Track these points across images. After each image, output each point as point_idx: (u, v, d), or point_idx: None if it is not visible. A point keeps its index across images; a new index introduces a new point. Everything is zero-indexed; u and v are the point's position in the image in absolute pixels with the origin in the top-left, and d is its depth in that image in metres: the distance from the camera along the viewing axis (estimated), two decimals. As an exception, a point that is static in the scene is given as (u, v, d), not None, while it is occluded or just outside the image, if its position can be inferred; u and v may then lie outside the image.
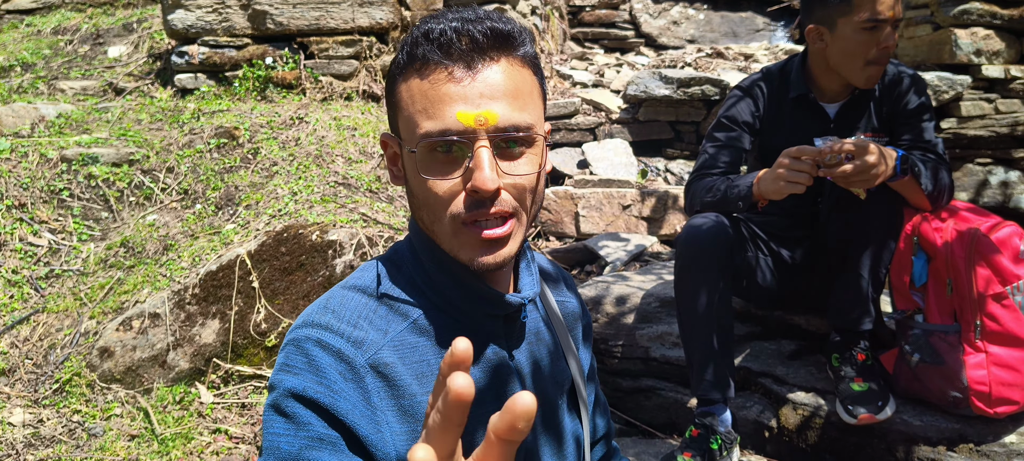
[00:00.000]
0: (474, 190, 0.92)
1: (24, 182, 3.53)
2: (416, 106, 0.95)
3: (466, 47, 0.93)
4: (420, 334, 0.98)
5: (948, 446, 2.13)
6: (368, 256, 2.91)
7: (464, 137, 0.92)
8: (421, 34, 0.95)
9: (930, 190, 2.14)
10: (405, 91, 0.97)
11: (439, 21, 0.96)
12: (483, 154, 0.92)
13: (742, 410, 2.42)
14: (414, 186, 0.99)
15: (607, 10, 6.97)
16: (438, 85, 0.93)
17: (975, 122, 3.82)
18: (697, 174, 2.37)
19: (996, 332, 2.06)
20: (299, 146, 3.74)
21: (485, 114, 0.92)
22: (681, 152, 4.85)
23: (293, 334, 0.95)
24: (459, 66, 0.93)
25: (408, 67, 0.97)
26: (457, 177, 0.94)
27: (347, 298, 0.98)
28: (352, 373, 0.91)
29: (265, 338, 2.82)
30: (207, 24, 4.51)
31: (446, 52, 0.93)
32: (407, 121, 0.97)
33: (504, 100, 0.94)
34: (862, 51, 2.17)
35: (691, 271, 2.21)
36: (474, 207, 0.94)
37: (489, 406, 1.01)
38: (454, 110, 0.92)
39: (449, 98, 0.93)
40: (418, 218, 1.02)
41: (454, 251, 0.97)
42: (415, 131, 0.95)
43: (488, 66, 0.94)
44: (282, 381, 0.90)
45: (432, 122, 0.93)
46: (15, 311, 3.05)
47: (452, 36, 0.93)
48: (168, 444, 2.49)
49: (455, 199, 0.95)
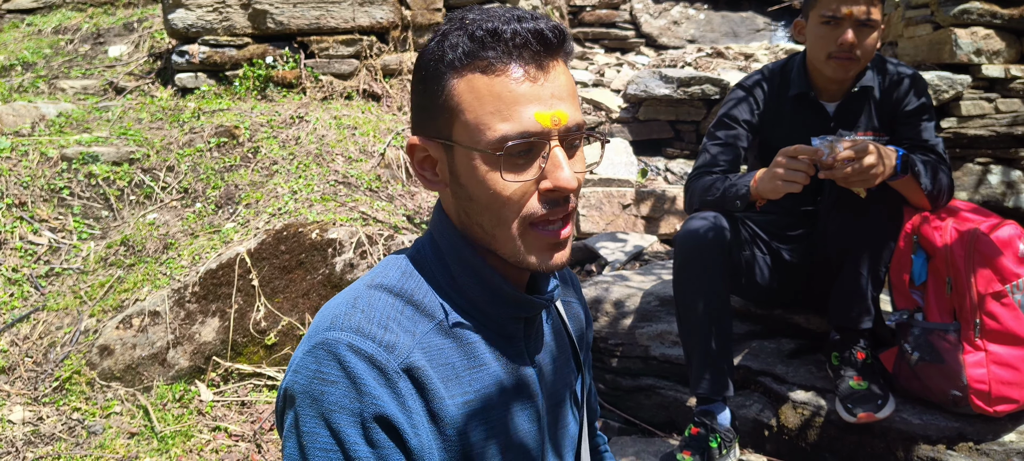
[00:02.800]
0: (555, 189, 0.94)
1: (24, 181, 3.53)
2: (486, 107, 0.93)
3: (538, 48, 0.94)
4: (445, 336, 0.98)
5: (948, 444, 2.13)
6: (368, 254, 2.91)
7: (541, 138, 0.93)
8: (486, 32, 0.93)
9: (930, 189, 2.14)
10: (466, 91, 0.94)
11: (499, 20, 0.94)
12: (561, 155, 0.94)
13: (742, 409, 2.42)
14: (474, 189, 0.96)
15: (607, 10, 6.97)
16: (512, 86, 0.93)
17: (975, 121, 3.82)
18: (697, 173, 2.37)
19: (996, 331, 2.07)
20: (299, 145, 3.74)
21: (557, 114, 0.94)
22: (681, 151, 4.85)
23: (322, 337, 0.92)
24: (532, 66, 0.94)
25: (467, 66, 0.94)
26: (529, 178, 0.94)
27: (375, 298, 0.97)
28: (385, 379, 0.90)
29: (265, 336, 2.82)
30: (207, 23, 4.51)
31: (520, 53, 0.93)
32: (471, 123, 0.94)
33: (569, 100, 0.96)
34: (822, 44, 2.24)
35: (690, 270, 2.21)
36: (552, 206, 0.95)
37: (511, 408, 1.01)
38: (531, 111, 0.92)
39: (525, 99, 0.93)
40: (470, 224, 0.99)
41: (519, 255, 0.97)
42: (485, 133, 0.93)
43: (555, 67, 0.96)
44: (324, 393, 0.89)
45: (509, 124, 0.92)
46: (15, 309, 3.05)
47: (527, 37, 0.93)
48: (168, 442, 2.50)
49: (528, 200, 0.95)
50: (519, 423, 1.03)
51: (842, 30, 2.19)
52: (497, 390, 1.00)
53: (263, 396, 2.74)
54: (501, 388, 1.01)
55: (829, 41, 2.22)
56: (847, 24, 2.19)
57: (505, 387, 1.01)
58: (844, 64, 2.23)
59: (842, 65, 2.24)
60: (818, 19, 2.23)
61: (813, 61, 2.32)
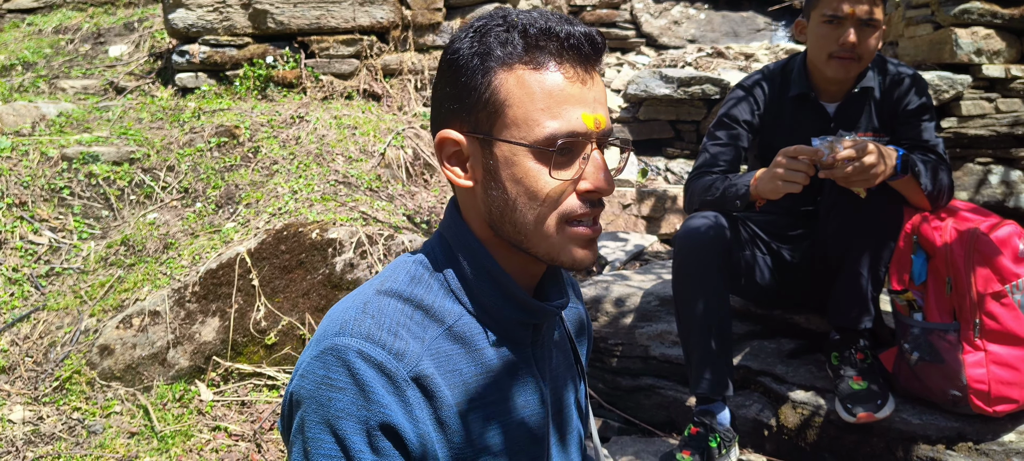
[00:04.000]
0: (595, 190, 0.96)
1: (25, 180, 3.53)
2: (536, 104, 0.94)
3: (588, 51, 0.96)
4: (454, 341, 0.98)
5: (947, 444, 2.13)
6: (368, 254, 2.91)
7: (585, 139, 0.96)
8: (540, 31, 0.95)
9: (930, 190, 2.14)
10: (516, 86, 0.95)
11: (553, 22, 0.96)
12: (599, 156, 0.97)
13: (741, 409, 2.42)
14: (514, 186, 0.96)
15: (608, 10, 6.97)
16: (565, 86, 0.95)
17: (975, 121, 3.82)
18: (697, 173, 2.37)
19: (995, 331, 2.06)
20: (299, 145, 3.74)
21: (599, 117, 0.97)
22: (681, 151, 4.85)
23: (332, 342, 0.92)
24: (581, 69, 0.96)
25: (517, 61, 0.95)
26: (570, 177, 0.96)
27: (385, 304, 0.96)
28: (394, 387, 0.90)
29: (265, 336, 2.82)
30: (208, 23, 4.51)
31: (572, 55, 0.96)
32: (519, 118, 0.95)
33: (605, 105, 0.99)
34: (824, 44, 2.24)
35: (689, 270, 2.21)
36: (590, 205, 0.97)
37: (518, 415, 1.02)
38: (579, 112, 0.95)
39: (574, 100, 0.95)
40: (500, 221, 0.98)
41: (554, 252, 0.98)
42: (533, 129, 0.95)
43: (596, 72, 0.99)
44: (331, 399, 0.89)
45: (558, 122, 0.94)
46: (15, 309, 3.06)
47: (580, 39, 0.96)
48: (168, 442, 2.50)
49: (565, 198, 0.96)
50: (526, 428, 1.03)
51: (844, 30, 2.19)
52: (505, 397, 1.00)
53: (263, 396, 2.74)
54: (509, 395, 1.01)
55: (830, 41, 2.22)
56: (849, 24, 2.19)
57: (512, 394, 1.01)
58: (845, 64, 2.23)
59: (843, 65, 2.23)
60: (820, 18, 2.23)
61: (814, 61, 2.31)
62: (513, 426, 1.01)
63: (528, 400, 1.03)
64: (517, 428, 1.01)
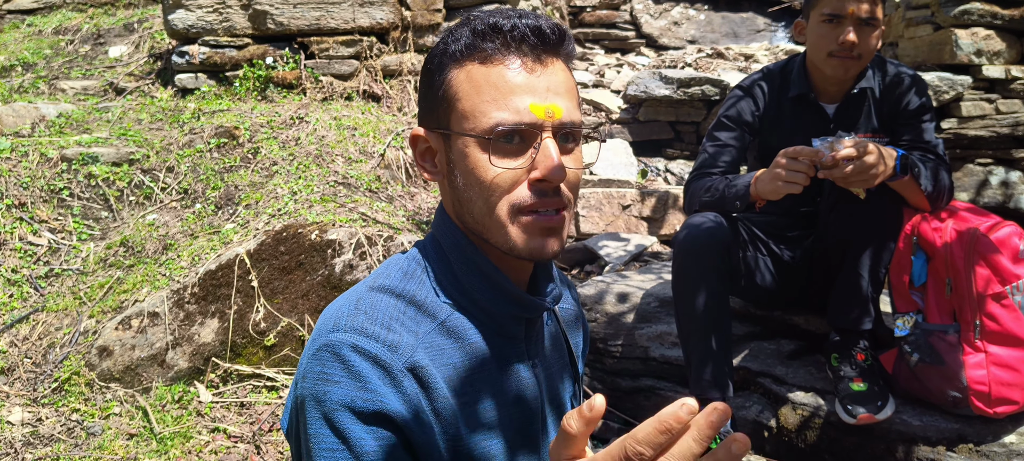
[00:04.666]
0: (543, 179, 0.95)
1: (24, 181, 3.53)
2: (482, 96, 0.96)
3: (535, 42, 0.96)
4: (447, 336, 0.98)
5: (948, 446, 2.13)
6: (367, 255, 2.91)
7: (533, 128, 0.95)
8: (488, 26, 0.97)
9: (930, 191, 2.13)
10: (465, 80, 0.97)
11: (500, 16, 0.97)
12: (551, 145, 0.96)
13: (741, 410, 2.41)
14: (466, 176, 0.98)
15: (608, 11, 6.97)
16: (509, 76, 0.95)
17: (976, 122, 3.81)
18: (696, 173, 2.37)
19: (996, 332, 2.06)
20: (299, 146, 3.74)
21: (552, 107, 0.96)
22: (681, 152, 4.85)
23: (326, 338, 0.93)
24: (529, 59, 0.97)
25: (467, 57, 0.97)
26: (520, 167, 0.96)
27: (377, 299, 0.98)
28: (390, 377, 0.91)
29: (264, 337, 2.82)
30: (208, 24, 4.51)
31: (518, 45, 0.96)
32: (467, 110, 0.97)
33: (565, 97, 0.98)
34: (823, 43, 2.23)
35: (689, 270, 2.21)
36: (539, 195, 0.97)
37: (510, 408, 1.02)
38: (526, 101, 0.95)
39: (520, 89, 0.95)
40: (462, 213, 1.01)
41: (507, 242, 0.98)
42: (479, 120, 0.96)
43: (552, 63, 0.98)
44: (327, 393, 0.89)
45: (503, 112, 0.95)
46: (14, 310, 3.05)
47: (525, 31, 0.96)
48: (167, 443, 2.49)
49: (517, 188, 0.96)
50: (521, 423, 1.03)
51: (844, 28, 2.19)
52: (499, 390, 1.01)
53: (262, 397, 2.74)
54: (503, 388, 1.01)
55: (830, 40, 2.21)
56: (849, 22, 2.18)
57: (507, 387, 1.02)
58: (845, 63, 2.23)
59: (843, 64, 2.23)
60: (820, 17, 2.23)
61: (813, 60, 2.31)
62: (508, 420, 1.01)
63: (522, 393, 1.04)
64: (512, 420, 1.02)
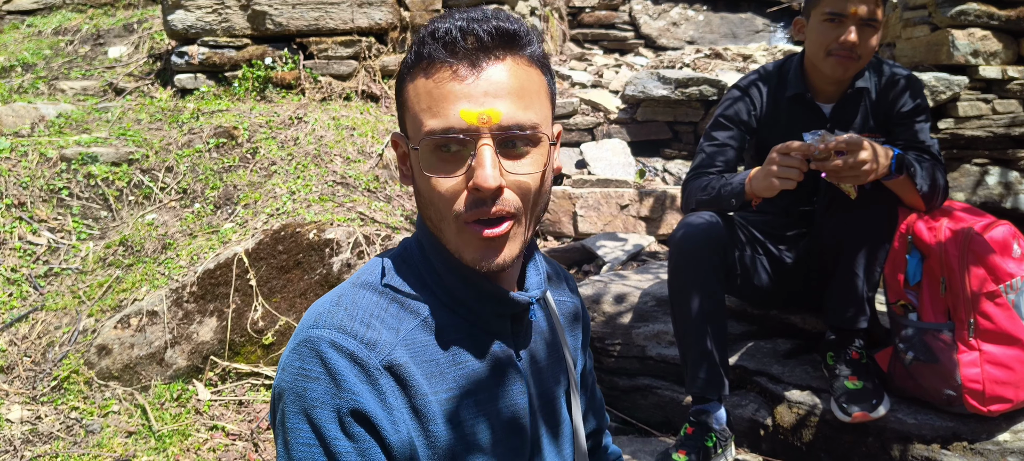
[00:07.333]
0: (475, 188, 0.93)
1: (24, 181, 3.54)
2: (421, 105, 0.96)
3: (471, 46, 0.94)
4: (429, 332, 0.99)
5: (942, 444, 2.14)
6: (365, 254, 2.92)
7: (467, 135, 0.93)
8: (428, 33, 0.97)
9: (925, 190, 2.14)
10: (412, 90, 0.98)
11: (446, 21, 0.97)
12: (485, 152, 0.92)
13: (738, 408, 2.42)
14: (420, 184, 0.99)
15: (607, 11, 6.98)
16: (442, 84, 0.94)
17: (972, 122, 3.82)
18: (693, 173, 2.38)
19: (990, 330, 2.07)
20: (298, 146, 3.75)
21: (488, 112, 0.93)
22: (679, 152, 4.86)
23: (306, 334, 0.94)
24: (463, 65, 0.94)
25: (415, 67, 0.98)
26: (460, 175, 0.94)
27: (359, 296, 0.98)
28: (366, 376, 0.91)
29: (262, 336, 2.83)
30: (207, 25, 4.52)
31: (451, 51, 0.94)
32: (413, 120, 0.98)
33: (508, 98, 0.94)
34: (823, 41, 2.24)
35: (685, 270, 2.22)
36: (475, 205, 0.94)
37: (496, 404, 1.02)
38: (457, 108, 0.93)
39: (453, 96, 0.93)
40: (426, 217, 1.02)
41: (458, 251, 0.98)
42: (420, 129, 0.96)
43: (493, 65, 0.95)
44: (306, 390, 0.90)
45: (436, 120, 0.94)
46: (14, 309, 3.06)
47: (457, 35, 0.94)
48: (165, 441, 2.50)
49: (458, 197, 0.95)
50: (505, 419, 1.03)
51: (845, 28, 2.19)
52: (482, 386, 1.01)
53: (260, 395, 2.75)
54: (486, 384, 1.02)
55: (831, 39, 2.21)
56: (850, 22, 2.18)
57: (491, 383, 1.02)
58: (843, 62, 2.23)
59: (841, 63, 2.23)
60: (821, 16, 2.23)
61: (812, 59, 2.32)
62: (492, 416, 1.01)
63: (508, 391, 1.04)
64: (496, 418, 1.02)
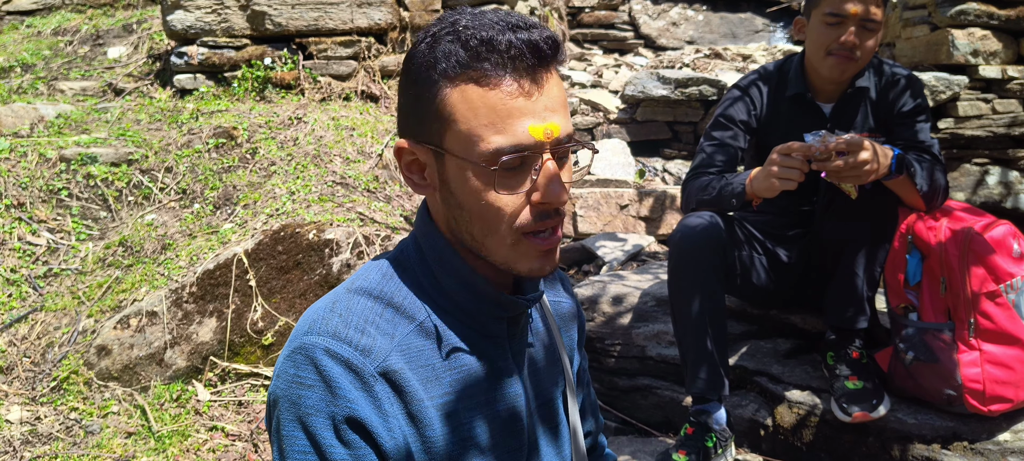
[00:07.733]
0: (546, 202, 0.94)
1: (23, 182, 3.54)
2: (480, 119, 0.92)
3: (533, 60, 0.93)
4: (426, 337, 0.98)
5: (942, 444, 2.14)
6: (365, 255, 2.92)
7: (535, 151, 0.93)
8: (480, 43, 0.92)
9: (925, 190, 2.14)
10: (460, 101, 0.93)
11: (495, 30, 0.92)
12: (552, 167, 0.94)
13: (738, 408, 2.42)
14: (465, 199, 0.96)
15: (606, 11, 6.98)
16: (508, 99, 0.92)
17: (972, 122, 3.82)
18: (693, 173, 2.38)
19: (990, 330, 2.07)
20: (297, 146, 3.75)
21: (551, 127, 0.94)
22: (679, 152, 4.86)
23: (301, 341, 0.94)
24: (527, 80, 0.93)
25: (461, 75, 0.93)
26: (523, 190, 0.95)
27: (353, 302, 0.98)
28: (361, 382, 0.91)
29: (262, 336, 2.83)
30: (206, 25, 4.52)
31: (515, 65, 0.92)
32: (464, 134, 0.93)
33: (561, 111, 0.96)
34: (823, 41, 2.23)
35: (684, 270, 2.22)
36: (541, 218, 0.96)
37: (493, 406, 1.02)
38: (525, 125, 0.92)
39: (519, 112, 0.92)
40: (458, 230, 0.99)
41: (510, 262, 0.98)
42: (478, 145, 0.93)
43: (548, 79, 0.95)
44: (301, 397, 0.90)
45: (503, 137, 0.92)
46: (13, 310, 3.06)
47: (522, 49, 0.92)
48: (165, 441, 2.50)
49: (519, 212, 0.95)
50: (502, 423, 1.03)
51: (845, 28, 2.19)
52: (478, 390, 1.01)
53: (260, 396, 2.74)
54: (483, 388, 1.01)
55: (830, 39, 2.21)
56: (851, 23, 2.18)
57: (487, 387, 1.02)
58: (842, 63, 2.23)
59: (840, 63, 2.23)
60: (822, 16, 2.22)
61: (811, 59, 2.31)
62: (489, 419, 1.01)
63: (505, 394, 1.04)
64: (493, 421, 1.02)
